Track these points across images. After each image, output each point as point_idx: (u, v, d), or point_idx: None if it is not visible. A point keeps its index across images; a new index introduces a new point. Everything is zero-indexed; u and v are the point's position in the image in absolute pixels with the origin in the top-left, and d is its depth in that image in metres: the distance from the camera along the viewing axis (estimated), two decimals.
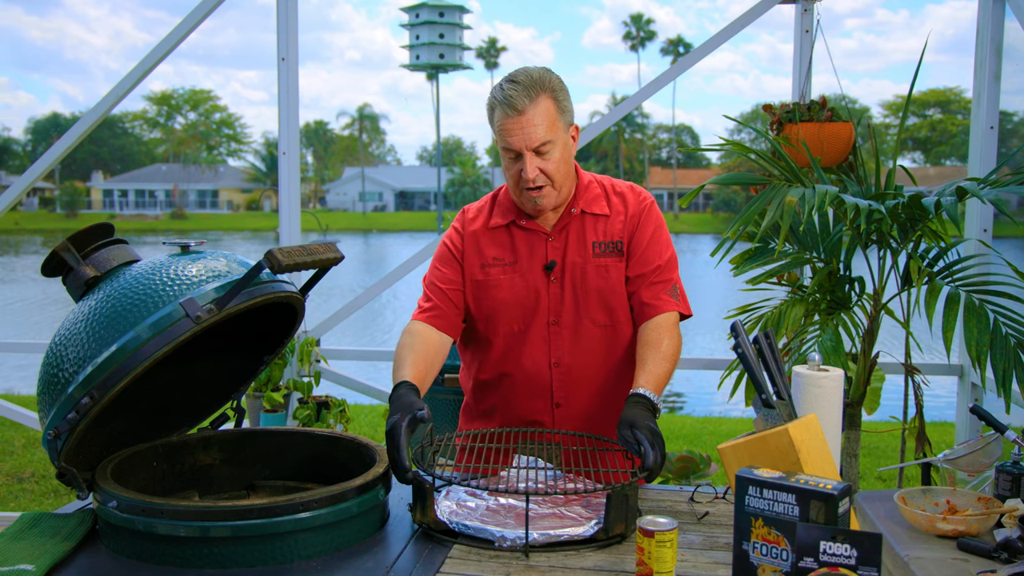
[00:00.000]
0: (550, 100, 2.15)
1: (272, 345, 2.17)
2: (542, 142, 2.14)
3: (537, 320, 2.27)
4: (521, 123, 2.13)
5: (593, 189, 2.33)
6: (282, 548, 1.69)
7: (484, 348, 2.34)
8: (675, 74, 4.54)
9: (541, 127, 2.13)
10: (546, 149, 2.16)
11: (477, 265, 2.32)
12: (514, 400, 2.31)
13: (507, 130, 2.15)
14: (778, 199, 3.17)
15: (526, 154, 2.15)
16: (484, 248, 2.32)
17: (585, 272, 2.26)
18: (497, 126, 2.18)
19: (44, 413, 1.78)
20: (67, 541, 1.74)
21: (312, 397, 4.38)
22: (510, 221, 2.32)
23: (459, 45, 47.80)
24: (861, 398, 3.50)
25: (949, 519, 1.87)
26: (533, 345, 2.28)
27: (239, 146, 70.66)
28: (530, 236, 2.30)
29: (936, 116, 54.30)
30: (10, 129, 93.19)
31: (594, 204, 2.31)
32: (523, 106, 2.12)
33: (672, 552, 1.58)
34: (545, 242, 2.29)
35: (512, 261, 2.29)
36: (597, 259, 2.27)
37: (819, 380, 1.89)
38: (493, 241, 2.32)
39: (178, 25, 4.42)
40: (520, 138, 2.14)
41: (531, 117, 2.13)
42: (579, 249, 2.28)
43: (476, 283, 2.32)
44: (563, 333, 2.27)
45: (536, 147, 2.14)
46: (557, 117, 2.17)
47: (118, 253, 1.92)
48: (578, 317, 2.27)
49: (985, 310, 3.25)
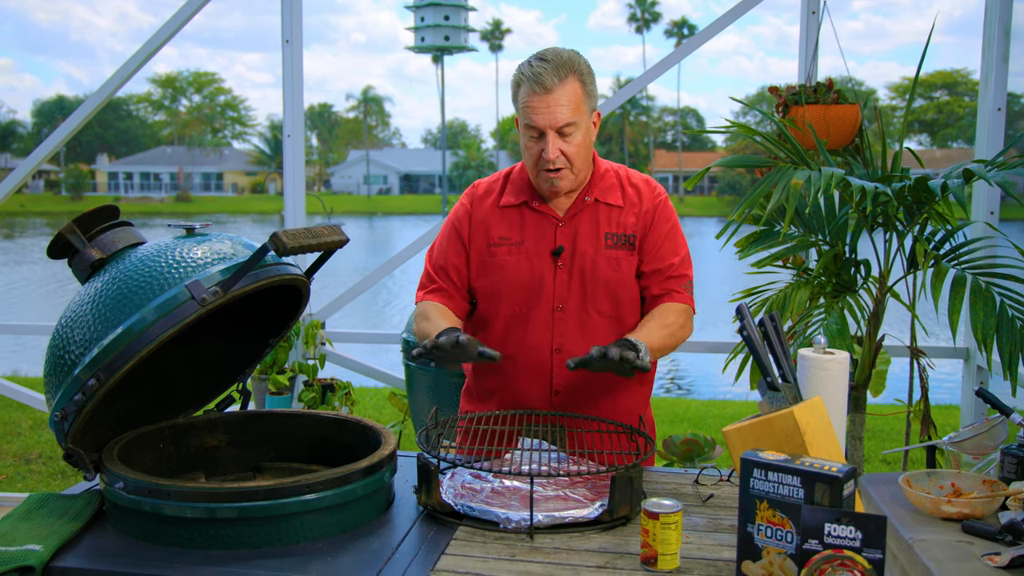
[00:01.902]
0: (578, 82, 2.15)
1: (277, 327, 2.18)
2: (566, 123, 2.14)
3: (541, 304, 2.27)
4: (547, 102, 2.12)
5: (609, 178, 2.32)
6: (288, 529, 1.70)
7: (486, 328, 2.34)
8: (680, 56, 4.51)
9: (567, 108, 2.13)
10: (569, 131, 2.15)
11: (483, 244, 2.32)
12: (513, 384, 2.31)
13: (532, 108, 2.14)
14: (784, 181, 3.15)
15: (549, 134, 2.14)
16: (492, 226, 2.32)
17: (596, 262, 2.25)
18: (522, 103, 2.17)
19: (51, 395, 1.79)
20: (74, 522, 1.75)
21: (317, 379, 4.40)
22: (522, 202, 2.31)
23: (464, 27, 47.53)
24: (866, 381, 3.50)
25: (954, 502, 1.87)
26: (535, 329, 2.27)
27: (244, 129, 70.62)
28: (540, 219, 2.29)
29: (943, 98, 53.98)
30: (15, 111, 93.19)
31: (608, 194, 2.30)
32: (551, 85, 2.12)
33: (677, 534, 1.58)
34: (555, 227, 2.28)
35: (519, 242, 2.29)
36: (609, 251, 2.26)
37: (824, 363, 1.88)
38: (502, 220, 2.32)
39: (182, 7, 4.40)
40: (545, 117, 2.13)
41: (558, 97, 2.12)
42: (590, 238, 2.27)
43: (481, 262, 2.32)
44: (568, 320, 2.26)
45: (560, 127, 2.14)
46: (583, 100, 2.16)
47: (123, 235, 1.92)
48: (584, 306, 2.26)
49: (991, 293, 3.24)
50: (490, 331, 2.33)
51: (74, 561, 1.64)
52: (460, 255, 2.34)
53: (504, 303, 2.29)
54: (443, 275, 2.34)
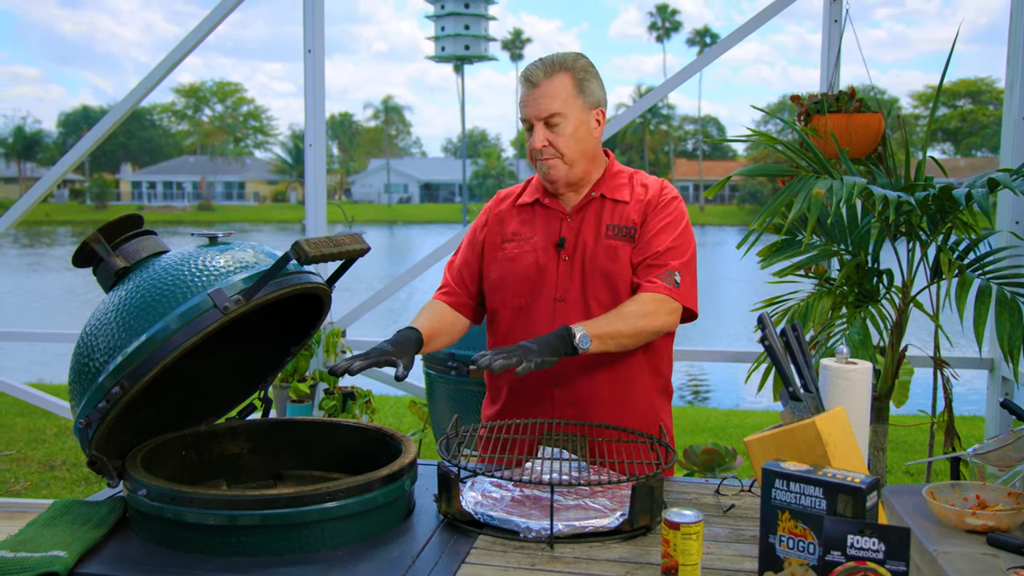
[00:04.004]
0: (568, 78, 2.26)
1: (299, 336, 2.19)
2: (551, 113, 2.24)
3: (544, 296, 2.31)
4: (535, 95, 2.25)
5: (620, 178, 2.39)
6: (309, 537, 1.70)
7: (494, 322, 2.41)
8: (701, 65, 4.50)
9: (553, 100, 2.24)
10: (556, 121, 2.25)
11: (498, 240, 2.41)
12: (519, 378, 2.31)
13: (523, 102, 2.29)
14: (806, 190, 3.13)
15: (535, 124, 2.27)
16: (507, 224, 2.42)
17: (595, 252, 2.30)
18: (519, 99, 2.31)
19: (75, 402, 1.80)
20: (98, 528, 1.76)
21: (338, 388, 4.41)
22: (535, 200, 2.40)
23: (484, 36, 47.72)
24: (889, 391, 3.47)
25: (979, 514, 1.85)
26: (538, 320, 2.30)
27: (266, 138, 71.16)
28: (550, 215, 2.37)
29: (967, 106, 53.56)
30: (41, 122, 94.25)
31: (617, 191, 2.36)
32: (538, 79, 2.25)
33: (698, 544, 1.57)
34: (561, 221, 2.35)
35: (530, 237, 2.37)
36: (608, 240, 2.30)
37: (847, 373, 1.87)
38: (517, 218, 2.42)
39: (206, 17, 4.44)
40: (531, 108, 2.26)
41: (544, 90, 2.24)
42: (592, 230, 2.32)
43: (493, 257, 2.40)
44: (569, 311, 2.29)
45: (545, 117, 2.25)
46: (573, 95, 2.26)
47: (147, 244, 1.94)
48: (584, 296, 2.29)
49: (1017, 303, 3.21)
50: (498, 323, 2.39)
51: (98, 567, 1.65)
52: (475, 253, 2.45)
53: (509, 294, 2.35)
54: (456, 275, 2.46)
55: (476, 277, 2.43)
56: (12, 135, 61.11)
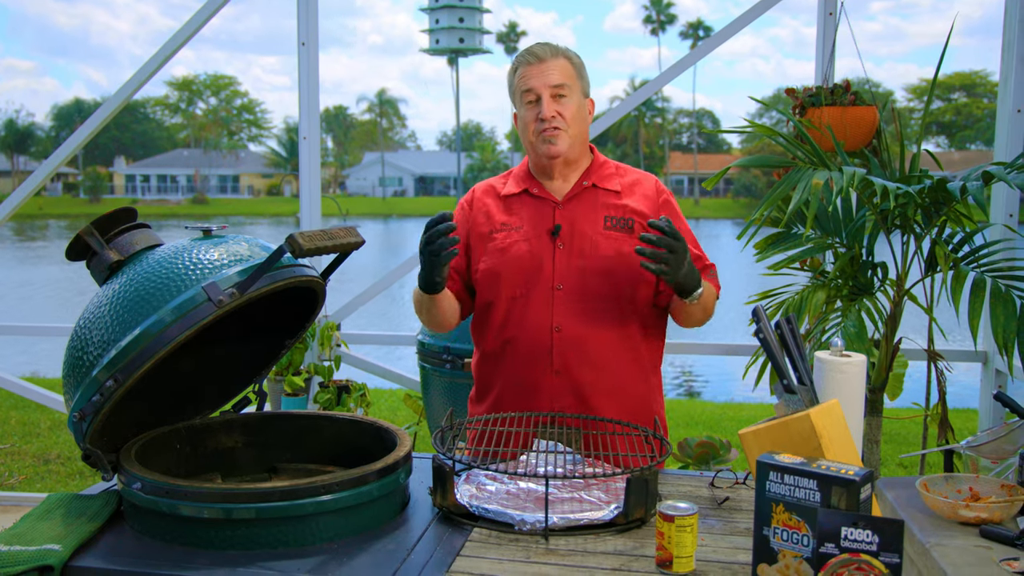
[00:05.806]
0: (568, 62, 2.33)
1: (293, 329, 2.19)
2: (559, 83, 2.29)
3: (540, 284, 2.30)
4: (541, 68, 2.30)
5: (607, 168, 2.42)
6: (304, 530, 1.70)
7: (488, 315, 2.37)
8: (696, 58, 4.50)
9: (559, 73, 2.30)
10: (564, 92, 2.30)
11: (485, 231, 2.38)
12: (514, 369, 2.32)
13: (527, 75, 2.31)
14: (804, 182, 3.14)
15: (544, 93, 2.28)
16: (493, 215, 2.40)
17: (596, 243, 2.30)
18: (518, 78, 2.34)
19: (69, 396, 1.80)
20: (93, 522, 1.76)
21: (333, 381, 4.40)
22: (523, 190, 2.39)
23: (479, 29, 47.57)
24: (883, 384, 3.48)
25: (972, 506, 1.86)
26: (535, 309, 2.30)
27: (260, 131, 70.90)
28: (540, 203, 2.37)
29: (961, 100, 53.60)
30: (33, 115, 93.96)
31: (606, 181, 2.38)
32: (545, 55, 2.31)
33: (692, 537, 1.58)
34: (554, 209, 2.34)
35: (519, 226, 2.35)
36: (609, 231, 2.31)
37: (841, 366, 1.87)
38: (504, 208, 2.40)
39: (200, 10, 4.42)
40: (539, 79, 2.29)
41: (550, 65, 2.30)
42: (589, 220, 2.32)
43: (482, 249, 2.37)
44: (567, 300, 2.28)
45: (553, 85, 2.29)
46: (575, 77, 2.33)
47: (141, 237, 1.94)
48: (583, 286, 2.28)
49: (1011, 296, 3.22)
50: (492, 314, 2.36)
51: (92, 561, 1.65)
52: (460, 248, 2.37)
53: (504, 285, 2.33)
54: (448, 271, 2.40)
55: (464, 272, 2.41)
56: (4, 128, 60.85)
